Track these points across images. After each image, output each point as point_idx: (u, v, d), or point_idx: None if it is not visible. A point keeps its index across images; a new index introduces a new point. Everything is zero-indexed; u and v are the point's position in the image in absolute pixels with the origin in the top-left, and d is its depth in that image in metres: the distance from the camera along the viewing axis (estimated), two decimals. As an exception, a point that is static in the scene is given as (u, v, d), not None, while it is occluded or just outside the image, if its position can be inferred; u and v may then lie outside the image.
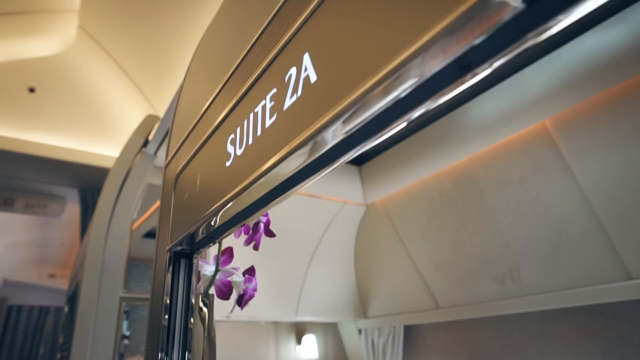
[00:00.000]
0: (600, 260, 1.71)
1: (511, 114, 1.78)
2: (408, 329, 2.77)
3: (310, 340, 2.92)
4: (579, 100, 1.59)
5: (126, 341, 2.17)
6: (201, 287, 0.79)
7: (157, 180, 1.94)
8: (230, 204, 0.53)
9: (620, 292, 1.68)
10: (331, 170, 0.43)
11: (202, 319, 0.75)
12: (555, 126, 1.69)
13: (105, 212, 1.77)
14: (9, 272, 5.57)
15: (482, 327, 2.39)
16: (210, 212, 0.57)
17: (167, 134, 1.32)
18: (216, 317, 2.40)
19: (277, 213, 0.81)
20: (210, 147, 0.63)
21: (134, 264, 2.32)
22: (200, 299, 0.78)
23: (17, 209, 3.24)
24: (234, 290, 0.79)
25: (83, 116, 3.27)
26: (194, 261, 0.74)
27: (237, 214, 0.55)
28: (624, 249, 1.64)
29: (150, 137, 1.88)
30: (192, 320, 0.82)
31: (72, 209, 3.64)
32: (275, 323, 2.92)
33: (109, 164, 1.93)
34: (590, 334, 1.94)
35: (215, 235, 0.64)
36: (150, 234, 2.50)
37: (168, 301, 0.84)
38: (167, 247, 0.73)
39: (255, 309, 2.47)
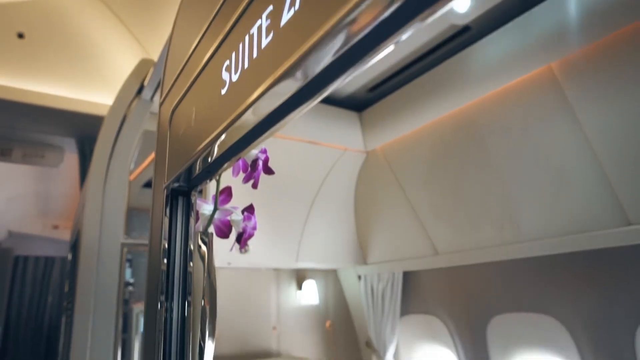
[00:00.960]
0: (600, 206, 1.71)
1: (517, 56, 1.73)
2: (407, 275, 2.82)
3: (310, 286, 2.98)
4: (589, 42, 1.53)
5: (130, 288, 2.21)
6: (200, 226, 0.78)
7: (155, 127, 1.90)
8: (226, 133, 0.51)
9: (619, 237, 1.69)
10: (329, 92, 0.41)
11: (202, 257, 0.74)
12: (563, 70, 1.64)
13: (103, 159, 1.75)
14: (13, 223, 5.63)
15: (479, 273, 2.43)
16: (206, 144, 0.55)
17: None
18: (218, 264, 2.42)
19: (277, 160, 0.80)
20: (205, 77, 0.60)
21: (134, 213, 2.33)
22: (199, 238, 0.77)
23: (15, 159, 3.22)
24: (233, 229, 0.78)
25: (75, 63, 3.18)
26: (192, 199, 0.73)
27: (234, 145, 0.53)
28: (624, 195, 1.63)
29: (145, 83, 1.83)
30: (191, 264, 0.82)
31: (71, 160, 3.62)
32: (276, 270, 2.98)
33: (105, 112, 1.89)
34: (586, 278, 1.97)
35: (212, 169, 0.62)
36: (150, 184, 2.49)
37: (167, 245, 0.83)
38: (164, 185, 0.72)
39: (256, 256, 2.51)
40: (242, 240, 0.75)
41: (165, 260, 0.82)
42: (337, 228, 2.78)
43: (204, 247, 0.78)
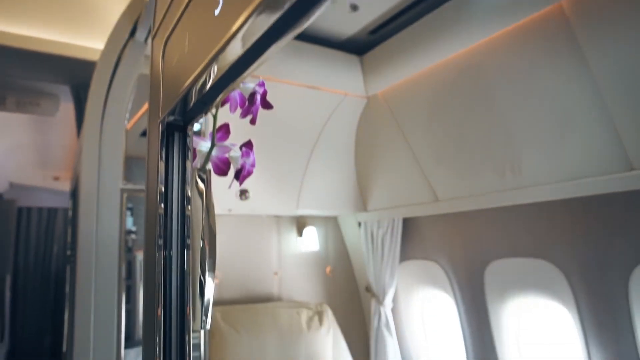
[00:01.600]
0: (604, 152, 1.69)
1: (526, -7, 1.65)
2: (406, 222, 2.84)
3: (310, 233, 3.02)
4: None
5: (133, 236, 2.23)
6: (197, 163, 0.76)
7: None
8: (221, 56, 0.48)
9: (621, 182, 1.68)
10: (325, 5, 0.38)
11: (200, 194, 0.73)
12: (574, 9, 1.57)
13: (97, 104, 1.71)
14: (13, 175, 5.63)
15: (478, 219, 2.45)
16: (201, 69, 0.52)
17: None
18: (218, 211, 2.42)
19: (276, 107, 0.77)
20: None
21: (133, 162, 2.32)
22: (196, 175, 0.76)
23: (9, 107, 3.16)
24: (231, 167, 0.76)
25: (68, 4, 3.05)
26: (189, 133, 0.71)
27: (229, 70, 0.50)
28: (629, 140, 1.61)
29: (138, 24, 1.76)
30: (189, 207, 0.80)
31: (67, 109, 3.56)
32: (277, 217, 3.00)
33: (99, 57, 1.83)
34: (584, 224, 1.99)
35: (207, 100, 0.59)
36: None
37: (164, 186, 0.81)
38: (160, 120, 0.69)
39: (256, 203, 2.52)
40: (240, 177, 0.74)
41: (162, 204, 0.80)
42: (337, 175, 2.77)
43: (201, 185, 0.76)
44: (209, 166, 0.77)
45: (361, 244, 3.03)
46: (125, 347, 1.57)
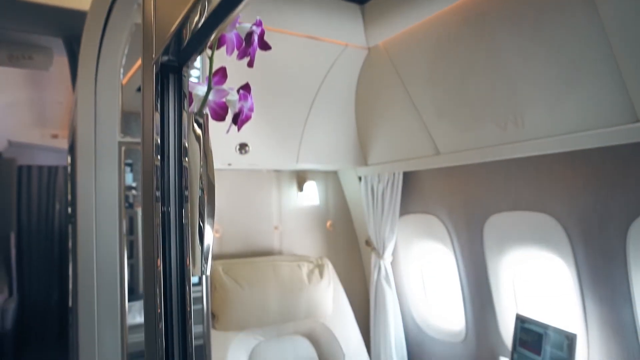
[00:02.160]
0: (609, 103, 1.66)
1: None
2: (407, 176, 2.84)
3: (311, 187, 3.02)
4: None
5: (134, 192, 2.23)
6: (194, 108, 0.74)
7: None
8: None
9: (626, 134, 1.65)
10: None
11: (197, 139, 0.71)
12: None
13: (91, 54, 1.66)
14: (11, 133, 5.59)
15: (479, 172, 2.44)
16: (193, 3, 0.50)
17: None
18: (218, 165, 2.41)
19: (274, 58, 0.74)
20: None
21: (132, 118, 2.28)
22: (193, 119, 0.74)
23: (1, 61, 3.09)
24: (229, 111, 0.74)
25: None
26: (184, 75, 0.68)
27: (222, 2, 0.47)
28: (636, 91, 1.57)
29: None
30: (186, 159, 0.79)
31: (62, 63, 3.48)
32: (277, 171, 2.99)
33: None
34: (584, 176, 1.98)
35: (201, 37, 0.57)
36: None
37: (159, 139, 0.79)
38: (153, 61, 0.67)
39: (256, 157, 2.50)
40: (239, 121, 0.72)
41: (158, 155, 0.79)
42: (337, 129, 2.75)
43: (198, 130, 0.74)
44: (206, 111, 0.75)
45: (361, 198, 3.04)
46: (129, 301, 1.59)
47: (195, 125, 0.73)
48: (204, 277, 1.59)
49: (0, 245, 5.31)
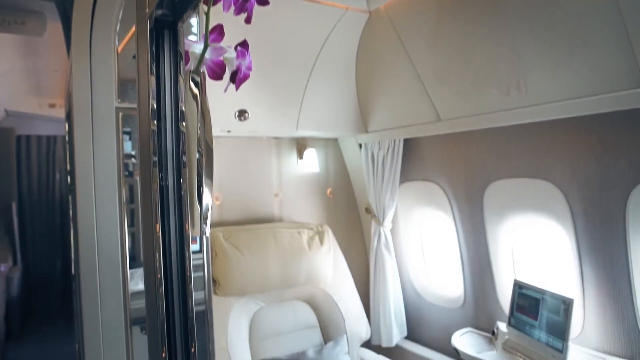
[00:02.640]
0: (616, 68, 1.63)
1: None
2: (407, 143, 2.82)
3: (311, 155, 3.00)
4: None
5: (133, 160, 2.21)
6: (191, 65, 0.72)
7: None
8: None
9: (631, 99, 1.63)
10: None
11: (194, 97, 0.69)
12: None
13: (84, 16, 1.61)
14: (8, 102, 5.53)
15: (480, 140, 2.42)
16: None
17: None
18: (217, 132, 2.39)
19: (273, 22, 0.71)
20: None
21: (129, 85, 2.24)
22: (189, 78, 0.72)
23: (-7, 26, 3.02)
24: (226, 69, 0.72)
25: None
26: (179, 30, 0.66)
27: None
28: (642, 55, 1.54)
29: None
30: (183, 123, 0.77)
31: (56, 30, 3.40)
32: (277, 138, 2.97)
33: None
34: (586, 143, 1.96)
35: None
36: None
37: (155, 104, 0.78)
38: (147, 15, 0.64)
39: (255, 124, 2.47)
40: (237, 79, 0.70)
41: (155, 120, 0.77)
42: (337, 95, 2.71)
43: (195, 89, 0.72)
44: (203, 69, 0.73)
45: (361, 166, 3.03)
46: (131, 268, 1.60)
47: (192, 85, 0.71)
48: (204, 244, 1.59)
49: (3, 214, 5.33)
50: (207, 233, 0.73)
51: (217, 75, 0.72)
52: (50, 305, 5.80)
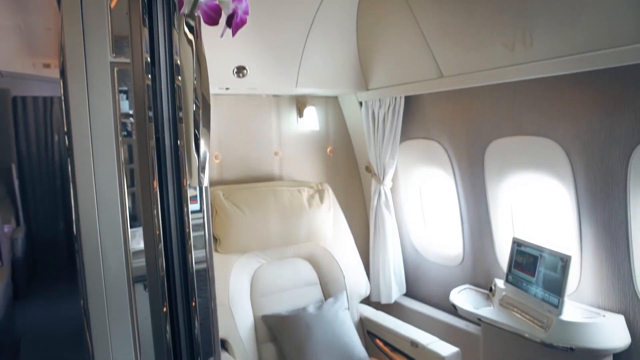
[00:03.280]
0: (624, 21, 1.57)
1: None
2: (409, 100, 2.78)
3: (311, 113, 2.96)
4: None
5: (131, 119, 2.18)
6: (185, 9, 0.69)
7: None
8: None
9: (636, 54, 1.58)
10: None
11: (189, 43, 0.67)
12: None
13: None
14: (2, 63, 5.42)
15: (482, 96, 2.39)
16: None
17: None
18: (216, 90, 2.35)
19: None
20: None
21: (125, 43, 2.18)
22: (184, 22, 0.68)
23: (-19, -20, 2.92)
24: (222, 14, 0.69)
25: None
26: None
27: None
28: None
29: None
30: (179, 77, 0.74)
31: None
32: (276, 96, 2.92)
33: None
34: (591, 100, 1.93)
35: None
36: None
37: (149, 57, 0.74)
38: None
39: (254, 81, 2.42)
40: (233, 24, 0.67)
41: (149, 74, 0.74)
42: (337, 52, 2.64)
43: (190, 35, 0.69)
44: (198, 13, 0.70)
45: (362, 124, 3.00)
46: (131, 227, 1.60)
47: (187, 30, 0.68)
48: (204, 203, 1.59)
49: (3, 176, 5.33)
50: (206, 183, 0.72)
51: (212, 19, 0.69)
52: (55, 265, 5.89)
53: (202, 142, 0.67)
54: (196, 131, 0.70)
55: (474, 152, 2.48)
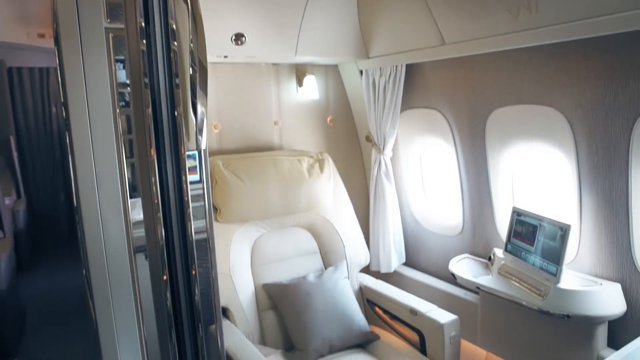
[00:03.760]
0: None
1: None
2: (410, 69, 2.74)
3: (310, 82, 2.92)
4: None
5: (129, 89, 2.15)
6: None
7: None
8: None
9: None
10: None
11: (185, 2, 0.64)
12: None
13: None
14: (-7, 31, 5.33)
15: (485, 64, 2.35)
16: None
17: None
18: (213, 58, 2.29)
19: None
20: None
21: (119, 8, 2.12)
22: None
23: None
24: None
25: None
26: None
27: None
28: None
29: None
30: (175, 43, 0.72)
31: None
32: (275, 64, 2.87)
33: None
34: (595, 68, 1.89)
35: None
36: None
37: (143, 22, 0.72)
38: None
39: (253, 49, 2.38)
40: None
41: (144, 40, 0.72)
42: (338, 19, 2.58)
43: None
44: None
45: (362, 93, 2.96)
46: (131, 198, 1.59)
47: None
48: (204, 173, 1.58)
49: (2, 149, 5.32)
50: (204, 146, 0.71)
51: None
52: (57, 236, 5.94)
53: (199, 105, 0.65)
54: (193, 95, 0.68)
55: (476, 121, 2.46)
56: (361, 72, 2.95)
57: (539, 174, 2.34)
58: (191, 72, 0.71)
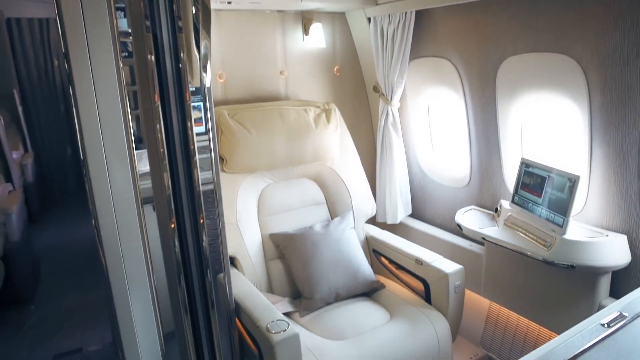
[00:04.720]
0: None
1: None
2: (419, 15, 2.64)
3: (317, 30, 2.83)
4: None
5: (131, 38, 2.09)
6: None
7: None
8: None
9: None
10: None
11: None
12: None
13: None
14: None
15: (498, 10, 2.25)
16: None
17: None
18: (217, 5, 2.21)
19: None
20: None
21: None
22: None
23: None
24: None
25: None
26: None
27: None
28: None
29: None
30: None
31: None
32: (281, 12, 2.77)
33: None
34: (615, 13, 1.81)
35: None
36: None
37: None
38: None
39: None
40: None
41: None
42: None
43: None
44: None
45: (370, 41, 2.88)
46: (137, 149, 1.59)
47: None
48: (209, 125, 1.56)
49: (6, 102, 5.28)
50: (208, 83, 0.69)
51: None
52: (66, 189, 6.01)
53: (202, 44, 0.63)
54: (196, 36, 0.65)
55: (486, 70, 2.39)
56: (369, 19, 2.85)
57: (549, 125, 2.29)
58: (194, 12, 0.68)
